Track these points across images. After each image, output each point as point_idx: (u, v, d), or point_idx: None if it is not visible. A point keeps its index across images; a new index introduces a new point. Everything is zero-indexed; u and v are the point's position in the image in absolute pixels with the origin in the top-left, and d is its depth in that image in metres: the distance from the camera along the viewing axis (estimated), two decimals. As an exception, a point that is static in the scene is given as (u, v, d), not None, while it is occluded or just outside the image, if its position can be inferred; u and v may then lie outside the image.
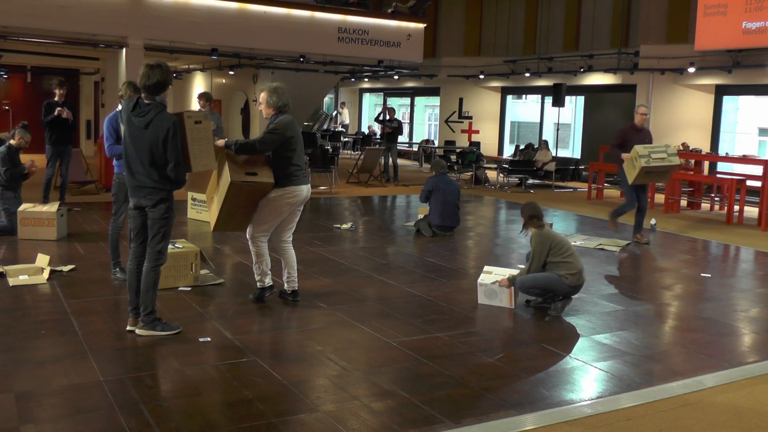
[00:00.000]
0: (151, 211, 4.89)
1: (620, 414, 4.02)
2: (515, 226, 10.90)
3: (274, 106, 5.72)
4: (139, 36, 12.76)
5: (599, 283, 7.13)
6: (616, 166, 15.52)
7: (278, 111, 5.73)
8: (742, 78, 15.34)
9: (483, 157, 17.69)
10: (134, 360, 4.64)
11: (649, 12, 17.10)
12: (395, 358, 4.77)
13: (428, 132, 26.77)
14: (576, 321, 5.81)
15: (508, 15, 21.86)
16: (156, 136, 4.74)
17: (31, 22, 11.77)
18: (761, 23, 14.13)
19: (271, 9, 13.87)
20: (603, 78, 18.11)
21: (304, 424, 3.72)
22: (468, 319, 5.75)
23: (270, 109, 5.74)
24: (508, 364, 4.73)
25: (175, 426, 3.65)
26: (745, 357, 5.13)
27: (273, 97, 5.71)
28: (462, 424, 3.78)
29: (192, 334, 5.07)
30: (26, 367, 4.37)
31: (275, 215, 5.75)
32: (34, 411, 3.75)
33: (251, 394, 4.07)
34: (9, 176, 8.43)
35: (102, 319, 5.36)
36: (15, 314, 5.42)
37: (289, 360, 4.68)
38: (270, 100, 5.73)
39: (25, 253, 7.37)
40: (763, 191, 11.23)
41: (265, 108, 5.76)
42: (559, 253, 5.91)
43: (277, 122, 5.67)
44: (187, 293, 6.15)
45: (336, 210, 11.83)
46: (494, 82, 21.82)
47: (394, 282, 6.88)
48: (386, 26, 15.39)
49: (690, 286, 7.25)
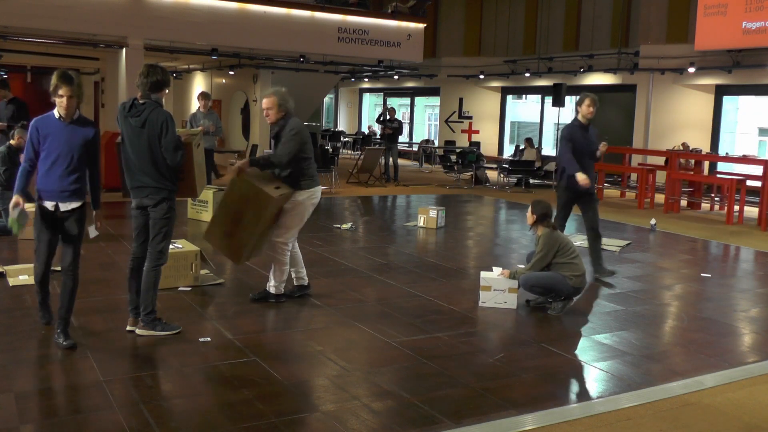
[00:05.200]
0: (153, 210, 4.90)
1: (620, 414, 4.02)
2: (515, 226, 10.90)
3: (289, 110, 5.70)
4: (139, 36, 12.75)
5: (599, 283, 7.13)
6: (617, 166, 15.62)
7: (286, 114, 5.70)
8: (742, 78, 15.34)
9: (483, 157, 17.69)
10: (134, 360, 4.64)
11: (649, 12, 17.10)
12: (395, 358, 4.76)
13: (428, 132, 26.77)
14: (576, 321, 5.81)
15: (508, 15, 21.85)
16: (152, 133, 4.79)
17: (31, 22, 11.77)
18: (761, 23, 14.13)
19: (271, 9, 13.86)
20: (603, 78, 18.12)
21: (304, 424, 3.72)
22: (468, 319, 5.75)
23: (281, 113, 5.67)
24: (508, 364, 4.73)
25: (175, 426, 3.65)
26: (745, 357, 5.13)
27: (289, 102, 5.70)
28: (462, 424, 3.78)
29: (192, 334, 5.07)
30: (26, 367, 4.37)
31: (301, 218, 5.81)
32: (34, 411, 3.75)
33: (251, 394, 4.07)
34: (9, 176, 8.43)
35: (102, 319, 5.36)
36: (15, 314, 5.42)
37: (289, 360, 4.68)
38: (286, 105, 5.68)
39: (25, 253, 7.36)
40: (763, 191, 11.22)
41: (275, 113, 5.66)
42: (566, 254, 5.92)
43: (293, 125, 5.65)
44: (187, 293, 6.15)
45: (336, 210, 11.83)
46: (494, 82, 21.82)
47: (394, 282, 6.87)
48: (386, 26, 15.38)
49: (690, 286, 7.25)
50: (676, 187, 12.97)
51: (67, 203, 4.65)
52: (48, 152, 4.54)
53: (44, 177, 4.59)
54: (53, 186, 4.59)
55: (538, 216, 6.02)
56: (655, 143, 16.77)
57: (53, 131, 4.54)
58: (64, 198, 4.63)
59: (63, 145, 4.54)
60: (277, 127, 5.71)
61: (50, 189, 4.60)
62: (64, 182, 4.60)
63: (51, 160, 4.55)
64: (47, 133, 4.54)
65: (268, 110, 5.67)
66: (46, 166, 4.55)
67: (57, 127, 4.55)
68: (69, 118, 4.57)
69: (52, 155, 4.54)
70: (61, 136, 4.54)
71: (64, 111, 4.53)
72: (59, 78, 4.50)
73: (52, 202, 4.63)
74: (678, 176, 13.10)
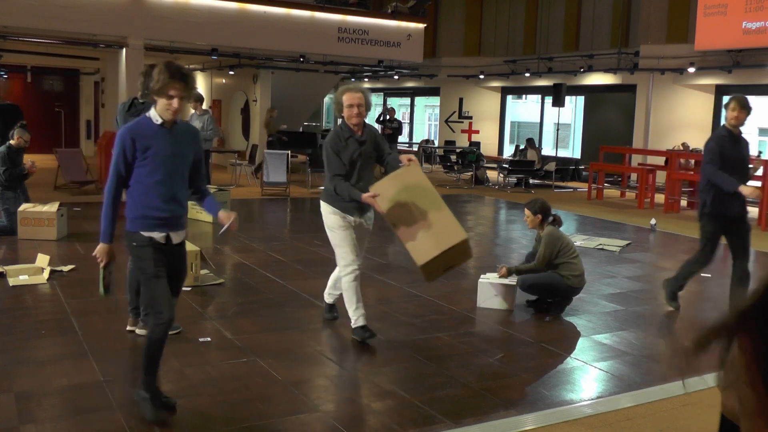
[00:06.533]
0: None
1: (620, 414, 4.02)
2: (516, 226, 10.89)
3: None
4: (139, 36, 12.76)
5: (599, 283, 7.13)
6: (617, 166, 15.63)
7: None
8: (742, 78, 15.34)
9: (483, 157, 17.69)
10: (134, 360, 4.63)
11: (649, 12, 17.10)
12: (395, 358, 4.76)
13: (428, 132, 26.78)
14: (576, 321, 5.81)
15: (508, 15, 21.85)
16: None
17: (31, 22, 11.77)
18: (761, 23, 14.13)
19: (271, 9, 13.86)
20: (603, 78, 18.12)
21: (304, 424, 3.72)
22: (468, 319, 5.75)
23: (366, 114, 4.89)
24: (508, 364, 4.73)
25: (175, 426, 3.64)
26: (745, 357, 5.11)
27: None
28: (462, 424, 3.78)
29: (192, 334, 5.07)
30: (26, 367, 4.37)
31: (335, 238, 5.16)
32: (34, 411, 3.75)
33: (251, 394, 4.07)
34: (9, 176, 8.43)
35: (102, 319, 5.36)
36: (15, 314, 5.42)
37: (289, 360, 4.68)
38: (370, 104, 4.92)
39: (25, 253, 7.37)
40: (762, 191, 11.23)
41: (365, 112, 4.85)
42: (567, 253, 5.92)
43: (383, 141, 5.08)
44: (187, 293, 6.14)
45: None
46: (494, 82, 21.82)
47: (394, 282, 6.87)
48: (386, 26, 15.38)
49: (690, 286, 7.24)
50: (676, 187, 12.97)
51: (179, 232, 3.74)
52: (151, 168, 3.55)
53: (146, 199, 3.59)
54: (161, 211, 3.61)
55: (543, 215, 5.98)
56: (655, 143, 16.77)
57: (156, 141, 3.55)
58: (175, 225, 3.69)
59: (170, 157, 3.59)
60: (364, 136, 4.86)
61: (157, 215, 3.61)
62: (173, 205, 3.65)
63: (156, 179, 3.56)
64: (148, 144, 3.54)
65: (360, 108, 4.76)
66: (146, 185, 3.57)
67: (160, 136, 3.57)
68: (171, 123, 3.62)
69: (157, 172, 3.56)
70: (166, 146, 3.58)
71: (171, 115, 3.55)
72: (170, 73, 3.50)
73: (161, 233, 3.64)
74: (678, 176, 13.10)
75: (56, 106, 21.01)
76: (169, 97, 3.49)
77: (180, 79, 3.48)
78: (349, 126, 4.81)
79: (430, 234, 4.55)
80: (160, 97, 3.52)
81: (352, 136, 4.80)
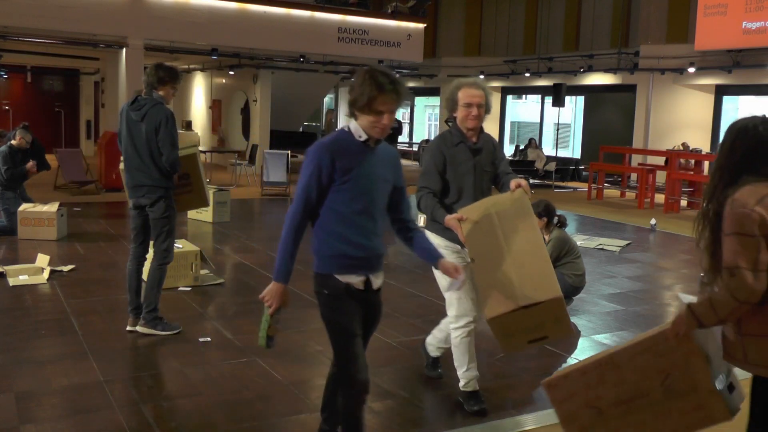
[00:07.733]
0: (150, 210, 4.89)
1: (620, 414, 4.01)
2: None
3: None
4: (139, 36, 12.75)
5: (599, 283, 7.13)
6: (617, 166, 15.64)
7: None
8: (742, 78, 15.35)
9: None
10: (134, 360, 4.64)
11: (649, 12, 17.11)
12: (395, 358, 4.76)
13: (428, 132, 26.77)
14: (576, 321, 5.80)
15: (508, 15, 21.86)
16: (150, 128, 4.79)
17: (31, 22, 11.77)
18: (761, 23, 14.13)
19: (271, 9, 13.86)
20: (603, 78, 18.12)
21: (304, 424, 3.72)
22: (468, 319, 5.75)
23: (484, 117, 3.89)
24: (508, 364, 4.73)
25: (175, 426, 3.65)
26: (745, 357, 5.12)
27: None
28: (462, 424, 3.78)
29: (192, 334, 5.07)
30: (26, 367, 4.37)
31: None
32: (34, 411, 3.75)
33: (251, 394, 4.07)
34: (9, 176, 8.44)
35: (102, 319, 5.36)
36: (15, 314, 5.42)
37: (289, 360, 4.67)
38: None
39: (25, 253, 7.37)
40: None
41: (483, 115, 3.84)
42: (572, 253, 5.93)
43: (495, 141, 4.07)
44: (187, 293, 6.15)
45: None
46: (494, 82, 21.82)
47: (394, 282, 6.87)
48: (386, 26, 15.38)
49: (690, 286, 7.25)
50: (676, 187, 12.97)
51: (379, 275, 3.07)
52: (352, 195, 2.83)
53: (343, 233, 2.91)
54: (361, 249, 2.92)
55: (548, 218, 5.97)
56: (655, 143, 16.78)
57: (359, 161, 2.83)
58: (375, 266, 3.02)
59: (373, 183, 2.88)
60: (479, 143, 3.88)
61: (355, 254, 2.93)
62: (375, 240, 2.95)
63: (357, 208, 2.85)
64: (350, 165, 2.81)
65: (480, 108, 3.78)
66: (344, 216, 2.87)
67: (364, 156, 2.85)
68: (376, 141, 2.89)
69: (359, 200, 2.84)
70: (370, 169, 2.87)
71: (379, 133, 2.83)
72: (378, 85, 2.75)
73: (359, 277, 2.99)
74: (678, 176, 13.10)
75: (56, 106, 21.03)
76: (378, 114, 2.77)
77: (392, 92, 2.76)
78: (460, 129, 3.83)
79: (514, 283, 3.38)
80: (365, 114, 2.79)
81: (464, 142, 3.82)
